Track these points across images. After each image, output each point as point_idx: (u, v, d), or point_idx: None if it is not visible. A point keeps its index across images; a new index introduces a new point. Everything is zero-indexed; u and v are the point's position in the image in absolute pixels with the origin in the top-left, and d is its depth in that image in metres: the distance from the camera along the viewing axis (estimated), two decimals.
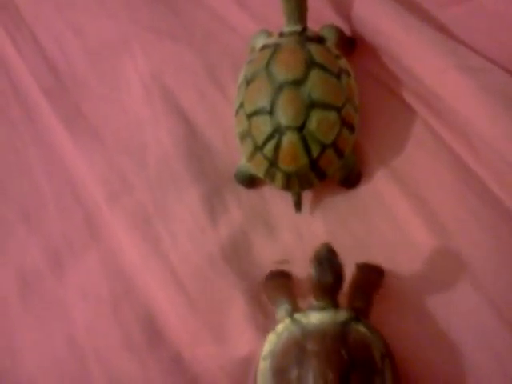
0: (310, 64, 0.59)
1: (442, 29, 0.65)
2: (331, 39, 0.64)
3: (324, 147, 0.59)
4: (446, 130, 0.63)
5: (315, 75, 0.59)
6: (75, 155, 0.69)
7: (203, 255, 0.61)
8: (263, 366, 0.51)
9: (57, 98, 0.73)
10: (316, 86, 0.58)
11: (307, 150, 0.58)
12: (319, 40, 0.63)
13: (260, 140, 0.59)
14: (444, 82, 0.60)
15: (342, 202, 0.63)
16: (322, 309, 0.51)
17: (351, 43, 0.69)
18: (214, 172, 0.66)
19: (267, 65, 0.60)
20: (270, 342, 0.52)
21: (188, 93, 0.72)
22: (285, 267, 0.59)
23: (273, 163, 0.59)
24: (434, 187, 0.61)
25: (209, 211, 0.63)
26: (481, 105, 0.57)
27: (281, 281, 0.58)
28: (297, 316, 0.52)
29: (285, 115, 0.58)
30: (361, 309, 0.53)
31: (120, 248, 0.63)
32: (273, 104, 0.58)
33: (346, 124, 0.60)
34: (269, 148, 0.59)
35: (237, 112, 0.63)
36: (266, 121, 0.59)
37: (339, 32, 0.66)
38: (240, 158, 0.63)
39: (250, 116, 0.60)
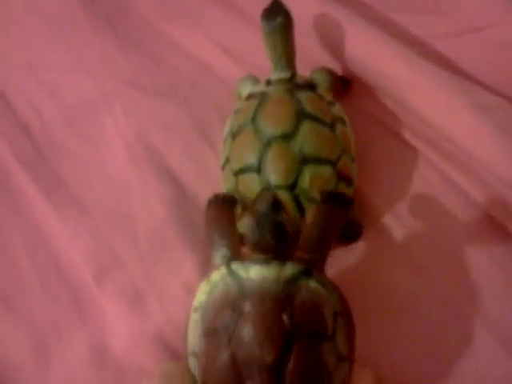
0: (301, 115, 0.58)
1: (445, 62, 0.65)
2: (323, 84, 0.64)
3: None
4: (459, 174, 0.63)
5: (306, 127, 0.58)
6: (58, 229, 0.67)
7: None
8: (194, 318, 0.49)
9: (34, 167, 0.73)
10: (308, 139, 0.57)
11: (300, 209, 0.56)
12: (310, 86, 0.62)
13: (249, 200, 0.57)
14: (457, 123, 0.59)
15: (341, 259, 0.60)
16: (265, 262, 0.47)
17: (345, 83, 0.69)
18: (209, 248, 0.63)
19: (254, 117, 0.59)
20: (203, 292, 0.49)
21: (176, 152, 0.71)
22: None
23: None
24: (450, 234, 0.60)
25: None
26: (499, 146, 0.56)
27: (224, 210, 0.54)
28: (235, 266, 0.48)
29: (274, 173, 0.56)
30: (314, 259, 0.48)
31: (110, 330, 0.61)
32: (261, 161, 0.57)
33: (343, 178, 0.59)
34: None
35: (223, 167, 0.63)
36: (255, 179, 0.57)
37: (332, 75, 0.66)
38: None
39: (236, 174, 0.59)
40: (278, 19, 0.62)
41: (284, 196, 0.55)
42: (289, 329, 0.44)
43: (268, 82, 0.63)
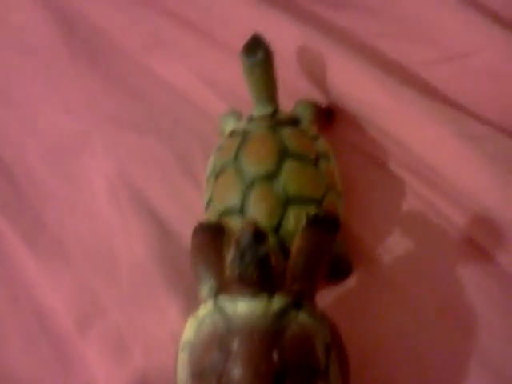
0: (283, 154, 0.58)
1: (429, 89, 0.65)
2: (307, 118, 0.63)
3: None
4: (446, 203, 0.62)
5: (289, 166, 0.57)
6: (39, 276, 0.65)
7: None
8: (181, 358, 0.47)
9: (14, 208, 0.71)
10: (291, 178, 0.56)
11: (285, 252, 0.54)
12: (293, 122, 0.62)
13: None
14: (442, 152, 0.59)
15: (330, 295, 0.58)
16: (252, 296, 0.45)
17: (329, 115, 0.69)
18: (195, 280, 0.61)
19: (236, 157, 0.59)
20: (190, 328, 0.47)
21: (158, 189, 0.70)
22: None
23: None
24: (442, 266, 0.59)
25: None
26: (489, 175, 0.56)
27: (211, 239, 0.53)
28: (222, 300, 0.46)
29: (257, 215, 0.56)
30: (303, 289, 0.47)
31: (94, 381, 0.58)
32: (244, 202, 0.56)
33: None
34: None
35: (206, 208, 0.62)
36: (238, 222, 0.56)
37: (315, 108, 0.66)
38: None
39: (220, 215, 0.58)
40: (259, 54, 0.61)
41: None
42: (279, 366, 0.42)
43: (250, 119, 0.63)
